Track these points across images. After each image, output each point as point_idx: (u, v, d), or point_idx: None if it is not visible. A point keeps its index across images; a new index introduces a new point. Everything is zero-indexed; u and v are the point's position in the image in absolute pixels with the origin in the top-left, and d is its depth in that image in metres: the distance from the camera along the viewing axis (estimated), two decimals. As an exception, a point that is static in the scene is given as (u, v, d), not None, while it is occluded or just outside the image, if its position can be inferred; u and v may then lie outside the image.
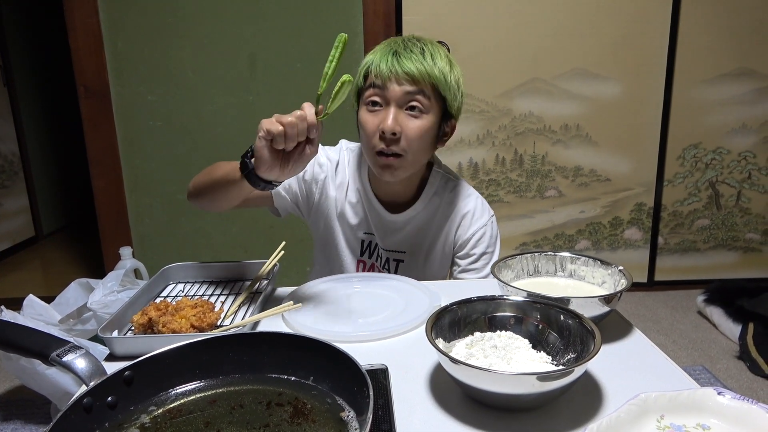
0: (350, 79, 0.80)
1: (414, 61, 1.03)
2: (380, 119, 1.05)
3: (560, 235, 2.62)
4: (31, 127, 3.54)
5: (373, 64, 1.06)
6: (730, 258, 2.70)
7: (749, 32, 2.43)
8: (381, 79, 1.04)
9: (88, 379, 0.58)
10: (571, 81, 2.44)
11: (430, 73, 1.03)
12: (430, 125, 1.07)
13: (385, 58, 1.04)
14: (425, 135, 1.07)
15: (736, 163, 2.59)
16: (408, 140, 1.05)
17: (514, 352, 0.70)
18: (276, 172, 0.86)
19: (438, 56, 1.06)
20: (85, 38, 2.23)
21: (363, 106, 1.09)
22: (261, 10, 2.26)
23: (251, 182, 0.89)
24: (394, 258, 1.21)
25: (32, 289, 2.34)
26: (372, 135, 1.06)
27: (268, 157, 0.84)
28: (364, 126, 1.08)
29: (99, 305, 1.63)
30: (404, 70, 1.02)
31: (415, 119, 1.05)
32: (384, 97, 1.05)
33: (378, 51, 1.08)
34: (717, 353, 2.15)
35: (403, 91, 1.04)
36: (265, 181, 0.88)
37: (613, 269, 0.88)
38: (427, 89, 1.04)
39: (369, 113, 1.07)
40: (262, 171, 0.86)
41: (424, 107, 1.05)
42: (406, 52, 1.04)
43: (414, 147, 1.06)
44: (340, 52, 0.81)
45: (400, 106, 1.05)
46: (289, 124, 0.80)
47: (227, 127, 2.36)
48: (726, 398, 0.60)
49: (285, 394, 0.61)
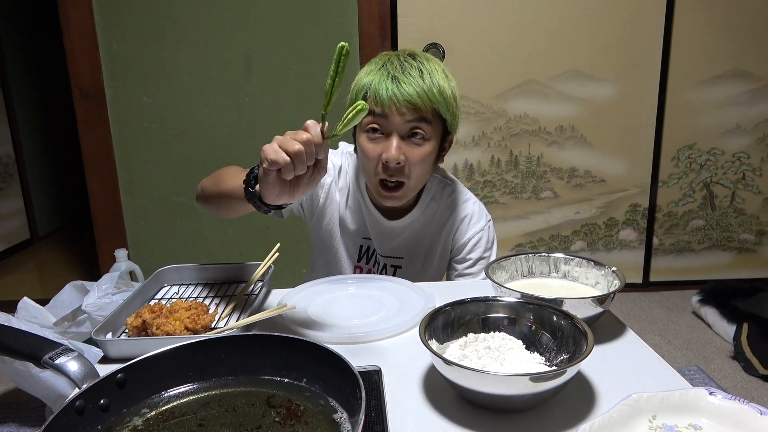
0: (366, 108, 0.73)
1: (414, 85, 1.00)
2: (382, 148, 1.03)
3: (555, 236, 2.63)
4: (26, 129, 3.53)
5: (371, 90, 1.02)
6: (725, 258, 2.71)
7: (743, 33, 2.44)
8: (381, 108, 1.01)
9: (80, 382, 0.58)
10: (566, 82, 2.45)
11: (431, 98, 1.01)
12: (433, 149, 1.06)
13: (384, 84, 1.01)
14: (427, 159, 1.06)
15: (730, 164, 2.60)
16: (412, 168, 1.04)
17: (507, 353, 0.70)
18: (285, 198, 0.80)
19: (435, 73, 1.03)
20: (80, 40, 2.23)
21: (362, 132, 1.06)
22: (256, 12, 2.26)
23: (258, 209, 0.85)
24: (391, 264, 1.21)
25: (27, 291, 2.34)
26: (374, 163, 1.05)
27: (275, 186, 0.78)
28: (365, 153, 1.06)
29: (94, 307, 1.62)
30: (405, 97, 1.00)
31: (418, 147, 1.04)
32: (385, 126, 1.03)
33: (374, 73, 1.04)
34: (712, 353, 2.16)
35: (405, 120, 1.02)
36: (274, 207, 0.85)
37: (607, 270, 0.89)
38: (428, 115, 1.03)
39: (370, 141, 1.05)
40: (271, 200, 0.81)
41: (427, 134, 1.04)
42: (404, 76, 1.01)
43: (417, 173, 1.06)
44: (341, 66, 0.72)
45: (403, 136, 1.03)
46: (297, 153, 0.73)
47: (222, 129, 2.36)
48: (717, 398, 0.61)
49: (278, 395, 0.61)
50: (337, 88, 0.72)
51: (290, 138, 0.74)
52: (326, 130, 0.75)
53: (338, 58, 0.71)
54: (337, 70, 0.72)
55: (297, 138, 0.74)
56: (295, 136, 0.74)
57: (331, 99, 0.73)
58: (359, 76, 1.07)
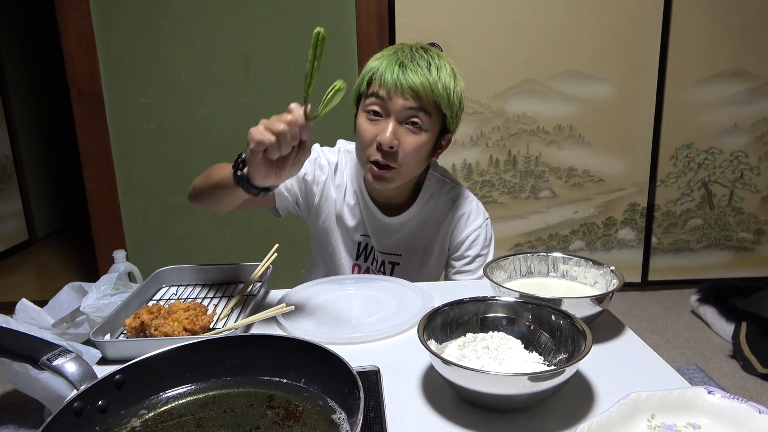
0: (343, 87, 0.77)
1: (419, 75, 1.01)
2: (379, 130, 1.04)
3: (554, 235, 2.63)
4: (24, 130, 3.52)
5: (378, 72, 1.04)
6: (723, 257, 2.71)
7: (741, 33, 2.44)
8: (384, 90, 1.03)
9: (78, 383, 0.58)
10: (564, 82, 2.45)
11: (434, 90, 1.02)
12: (428, 141, 1.07)
13: (391, 69, 1.03)
14: (421, 150, 1.07)
15: (728, 162, 2.60)
16: (404, 154, 1.05)
17: (506, 353, 0.70)
18: (272, 179, 0.83)
19: (444, 71, 1.05)
20: (78, 41, 2.23)
21: (362, 112, 1.08)
22: (254, 12, 2.26)
23: (247, 191, 0.87)
24: (389, 261, 1.21)
25: (25, 293, 2.33)
26: (368, 144, 1.06)
27: (262, 167, 0.81)
28: (361, 134, 1.07)
29: (92, 309, 1.62)
30: (408, 84, 1.01)
31: (413, 135, 1.05)
32: (385, 108, 1.04)
33: (384, 58, 1.06)
34: (710, 352, 2.16)
35: (405, 106, 1.03)
36: (262, 188, 0.86)
37: (605, 269, 0.89)
38: (428, 106, 1.04)
39: (368, 122, 1.06)
40: (258, 180, 0.84)
41: (424, 124, 1.05)
42: (412, 64, 1.02)
43: (408, 161, 1.06)
44: (319, 50, 0.76)
45: (400, 121, 1.04)
46: (281, 132, 0.77)
47: (221, 129, 2.36)
48: (716, 397, 0.61)
49: (276, 396, 0.61)
50: (316, 72, 0.76)
51: (275, 120, 0.78)
52: (309, 111, 0.78)
53: (315, 43, 0.75)
54: (315, 54, 0.76)
55: (281, 119, 0.77)
56: (280, 118, 0.78)
57: (311, 82, 0.77)
58: (369, 60, 1.09)
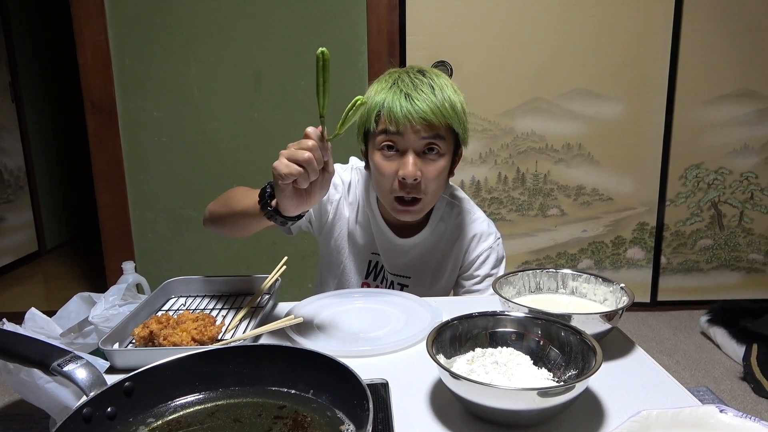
0: (364, 101, 0.77)
1: (427, 102, 1.01)
2: (397, 165, 1.04)
3: (562, 254, 2.62)
4: (38, 141, 3.57)
5: (384, 108, 1.03)
6: (733, 278, 2.69)
7: (750, 53, 2.45)
8: (395, 125, 1.02)
9: (88, 390, 0.58)
10: (573, 101, 2.46)
11: (444, 113, 1.02)
12: (447, 163, 1.08)
13: (398, 102, 1.01)
14: (443, 174, 1.08)
15: (738, 183, 2.59)
16: (427, 183, 1.05)
17: (515, 369, 0.69)
18: (303, 207, 0.84)
19: (446, 88, 1.04)
20: (94, 55, 2.27)
21: (376, 150, 1.07)
22: (266, 28, 2.29)
23: (281, 224, 0.88)
24: (398, 282, 1.21)
25: (34, 303, 2.34)
26: (390, 180, 1.05)
27: (293, 198, 0.81)
28: (380, 171, 1.06)
29: (100, 319, 1.63)
30: (419, 115, 1.00)
31: (433, 162, 1.05)
32: (400, 142, 1.04)
33: (385, 91, 1.04)
34: (721, 374, 2.13)
35: (420, 136, 1.02)
36: (294, 218, 0.87)
37: (615, 287, 0.88)
38: (442, 131, 1.04)
39: (385, 159, 1.05)
40: (290, 212, 0.84)
41: (442, 149, 1.05)
42: (417, 92, 1.02)
43: (433, 188, 1.07)
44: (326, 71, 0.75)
45: (418, 152, 1.04)
46: (308, 161, 0.76)
47: (232, 144, 2.38)
48: (728, 416, 0.60)
49: (285, 406, 0.61)
50: (327, 92, 0.76)
51: (296, 149, 0.77)
52: (326, 132, 0.78)
53: (322, 65, 0.75)
54: (324, 77, 0.75)
55: (303, 147, 0.77)
56: (300, 145, 0.77)
57: (325, 103, 0.77)
58: (370, 94, 1.07)
